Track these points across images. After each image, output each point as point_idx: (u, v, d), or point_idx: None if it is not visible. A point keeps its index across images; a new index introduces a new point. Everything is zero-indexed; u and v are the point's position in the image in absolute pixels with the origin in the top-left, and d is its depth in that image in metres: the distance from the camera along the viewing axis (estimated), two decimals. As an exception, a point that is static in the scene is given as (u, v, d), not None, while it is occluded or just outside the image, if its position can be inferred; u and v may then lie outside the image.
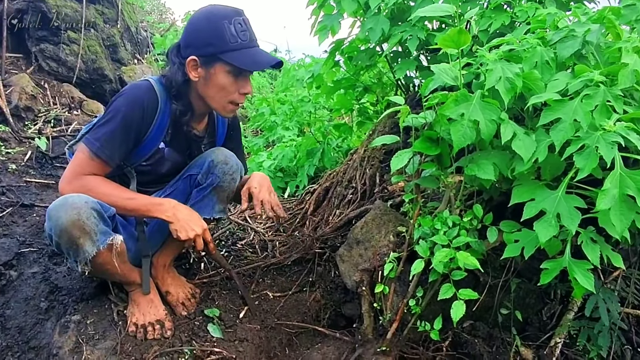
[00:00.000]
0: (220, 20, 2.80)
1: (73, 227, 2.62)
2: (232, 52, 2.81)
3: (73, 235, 2.64)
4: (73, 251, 2.71)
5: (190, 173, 3.32)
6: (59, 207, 2.64)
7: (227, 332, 3.27)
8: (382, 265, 3.02)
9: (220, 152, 3.25)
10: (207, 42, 2.81)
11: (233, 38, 2.80)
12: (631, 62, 2.16)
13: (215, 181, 3.19)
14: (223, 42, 2.80)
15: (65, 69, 6.99)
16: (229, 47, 2.81)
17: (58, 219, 2.61)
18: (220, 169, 3.19)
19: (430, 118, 2.63)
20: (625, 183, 1.97)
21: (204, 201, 3.26)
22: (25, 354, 3.20)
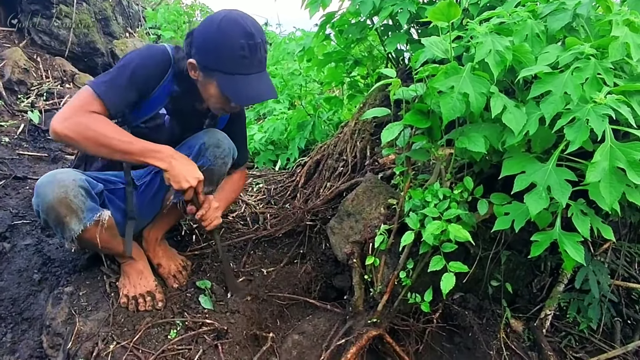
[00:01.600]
0: (225, 39, 2.65)
1: (60, 205, 2.60)
2: (225, 76, 2.71)
3: (60, 213, 2.62)
4: (60, 228, 2.69)
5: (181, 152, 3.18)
6: (46, 183, 2.61)
7: (219, 304, 3.24)
8: (373, 238, 3.00)
9: (212, 135, 3.17)
10: (207, 55, 2.71)
11: (230, 62, 2.68)
12: (621, 35, 2.14)
13: (206, 164, 3.11)
14: (220, 62, 2.69)
15: (57, 42, 6.93)
16: (224, 69, 2.70)
17: (45, 196, 2.59)
18: (211, 152, 3.13)
19: (420, 91, 2.61)
20: (615, 155, 1.96)
21: None
22: (19, 325, 3.18)
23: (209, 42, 2.69)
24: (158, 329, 2.97)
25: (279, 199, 4.59)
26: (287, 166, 5.90)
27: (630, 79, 2.24)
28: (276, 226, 4.03)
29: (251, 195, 4.74)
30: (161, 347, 2.86)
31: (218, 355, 2.90)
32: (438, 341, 3.25)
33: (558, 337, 3.39)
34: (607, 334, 3.42)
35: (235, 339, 3.04)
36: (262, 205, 4.50)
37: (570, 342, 3.37)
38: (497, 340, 3.26)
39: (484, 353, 3.22)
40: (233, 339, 3.02)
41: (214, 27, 2.67)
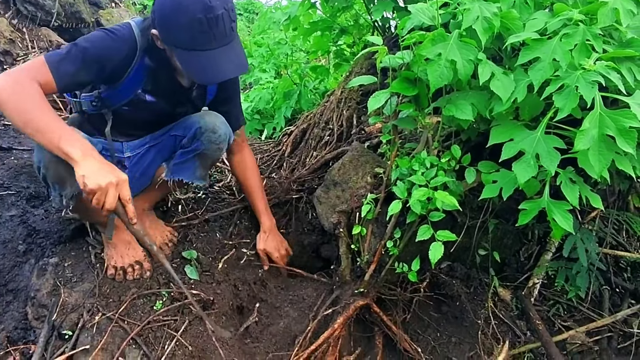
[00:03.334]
0: (183, 15, 2.44)
1: (62, 160, 2.42)
2: (185, 52, 2.55)
3: (62, 167, 2.48)
4: (59, 184, 2.60)
5: (176, 133, 3.16)
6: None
7: (205, 274, 3.22)
8: (360, 207, 2.99)
9: (209, 119, 3.07)
10: (165, 29, 2.54)
11: (189, 37, 2.49)
12: (611, 1, 2.13)
13: (200, 148, 3.04)
14: (178, 37, 2.52)
15: (43, 12, 6.87)
16: (182, 45, 2.54)
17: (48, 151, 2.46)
18: (206, 137, 3.03)
19: (407, 58, 2.58)
20: (604, 123, 1.94)
21: (186, 164, 3.13)
22: (4, 296, 3.16)
23: (165, 15, 2.51)
24: (144, 300, 2.95)
25: (265, 168, 4.54)
26: (274, 135, 5.91)
27: (619, 45, 2.22)
28: (263, 196, 3.98)
29: (238, 165, 4.69)
30: (147, 318, 2.83)
31: (204, 326, 2.88)
32: (425, 310, 3.25)
33: (546, 306, 3.40)
34: (596, 303, 3.43)
35: (222, 309, 3.03)
36: (249, 175, 4.44)
37: (559, 310, 3.38)
38: (484, 309, 3.27)
39: (471, 322, 3.23)
40: (219, 310, 3.01)
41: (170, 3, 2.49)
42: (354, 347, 3.01)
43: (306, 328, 2.94)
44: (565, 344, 3.19)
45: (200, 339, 2.82)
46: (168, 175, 3.13)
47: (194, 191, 4.02)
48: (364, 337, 3.09)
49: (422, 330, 3.18)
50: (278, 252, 3.39)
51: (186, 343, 2.77)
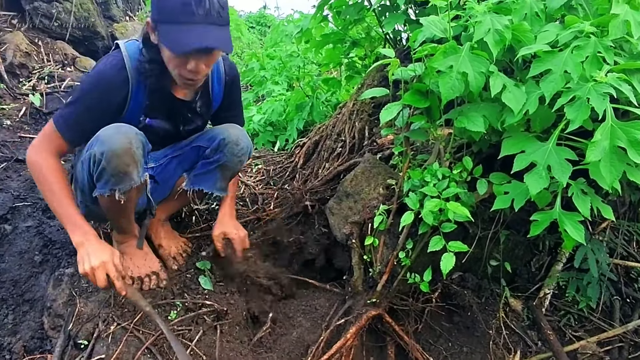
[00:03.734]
0: None
1: (125, 154, 2.55)
2: (166, 26, 2.53)
3: (124, 161, 2.57)
4: (118, 178, 2.62)
5: (200, 144, 3.22)
6: (113, 134, 2.56)
7: (219, 284, 3.22)
8: (372, 218, 2.98)
9: (233, 131, 3.12)
10: (155, 8, 2.57)
11: (172, 10, 2.48)
12: (622, 13, 2.13)
13: (222, 159, 3.09)
14: (163, 12, 2.52)
15: (58, 26, 6.92)
16: (166, 19, 2.52)
17: (112, 144, 2.53)
18: (229, 149, 3.07)
19: (419, 70, 2.59)
20: (616, 134, 1.94)
21: (207, 175, 3.18)
22: (20, 306, 3.17)
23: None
24: (158, 310, 2.94)
25: (278, 179, 4.57)
26: (286, 147, 5.90)
27: (630, 57, 2.22)
28: (275, 207, 4.00)
29: (250, 176, 4.72)
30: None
31: (218, 336, 2.88)
32: (437, 321, 3.24)
33: (557, 316, 3.39)
34: (607, 313, 3.41)
35: (235, 319, 3.03)
36: (261, 186, 4.48)
37: (570, 321, 3.36)
38: (496, 320, 3.25)
39: (483, 332, 3.21)
40: (233, 320, 3.01)
41: None
42: (367, 357, 3.01)
43: (319, 338, 2.94)
44: (576, 354, 3.17)
45: (214, 348, 2.82)
46: (188, 185, 3.17)
47: (207, 202, 4.03)
48: (376, 347, 3.08)
49: (434, 340, 3.17)
50: (237, 233, 3.26)
51: (200, 352, 2.77)
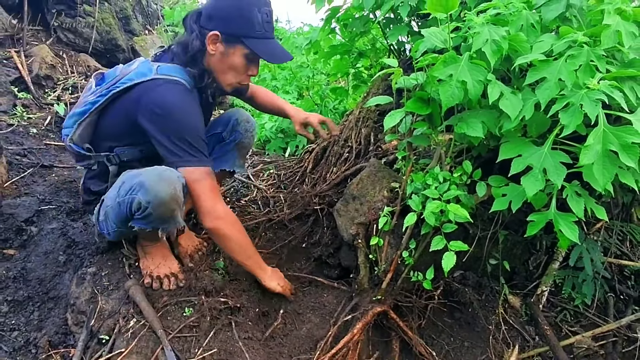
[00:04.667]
0: (253, 6, 2.68)
1: (172, 201, 2.63)
2: (256, 40, 2.73)
3: (171, 207, 2.65)
4: (164, 221, 2.73)
5: (215, 131, 3.41)
6: (157, 181, 2.60)
7: (232, 282, 3.22)
8: (377, 219, 2.97)
9: (241, 112, 3.47)
10: (235, 23, 2.70)
11: (259, 26, 2.70)
12: (613, 23, 2.13)
13: (238, 137, 3.35)
14: (250, 28, 2.70)
15: (81, 40, 6.94)
16: (254, 34, 2.72)
17: (158, 192, 2.58)
18: (242, 126, 3.36)
19: (421, 79, 2.59)
20: (608, 139, 1.94)
21: (226, 156, 3.40)
22: (45, 303, 3.18)
23: (233, 12, 2.69)
24: (175, 307, 2.94)
25: (288, 183, 4.57)
26: (296, 153, 5.91)
27: (622, 65, 2.21)
28: (286, 209, 4.00)
29: (262, 180, 4.72)
30: (178, 324, 2.83)
31: (232, 332, 2.88)
32: (439, 316, 3.23)
33: (554, 312, 3.38)
34: (601, 309, 3.40)
35: (248, 315, 3.02)
36: (273, 190, 4.48)
37: (566, 316, 3.35)
38: (495, 316, 3.25)
39: (483, 327, 3.21)
40: (245, 316, 3.00)
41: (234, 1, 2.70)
42: (372, 351, 3.00)
43: (327, 333, 2.93)
44: (572, 349, 3.16)
45: (227, 343, 2.82)
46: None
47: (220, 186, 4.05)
48: (382, 342, 3.07)
49: (437, 335, 3.16)
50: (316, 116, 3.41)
51: (215, 347, 2.77)
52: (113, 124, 2.86)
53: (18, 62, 5.90)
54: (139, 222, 2.74)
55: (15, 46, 6.24)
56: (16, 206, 3.68)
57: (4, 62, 5.82)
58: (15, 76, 5.72)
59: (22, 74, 5.80)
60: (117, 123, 2.84)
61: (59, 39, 6.85)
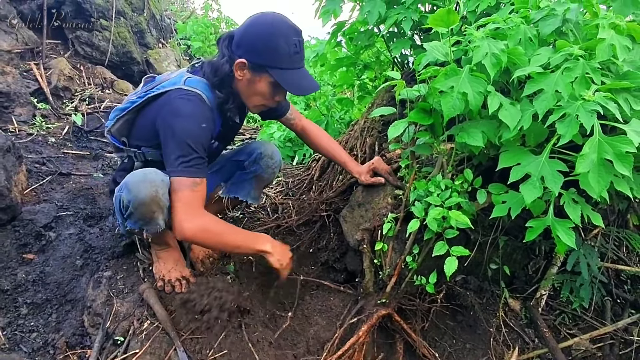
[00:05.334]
0: (280, 37, 2.62)
1: (152, 202, 2.62)
2: (282, 71, 2.67)
3: (151, 209, 2.65)
4: (145, 222, 2.73)
5: (239, 159, 3.40)
6: (139, 182, 2.61)
7: (243, 286, 3.22)
8: (381, 225, 2.97)
9: (268, 146, 3.39)
10: (262, 53, 2.66)
11: (287, 58, 2.65)
12: (608, 37, 2.13)
13: (258, 171, 3.32)
14: (277, 58, 2.64)
15: (98, 53, 7.00)
16: (280, 65, 2.66)
17: (139, 192, 2.60)
18: (265, 162, 3.32)
19: (423, 91, 2.59)
20: (603, 148, 1.94)
21: (243, 184, 3.38)
22: (63, 306, 3.19)
23: (262, 42, 2.64)
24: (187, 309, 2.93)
25: (296, 190, 4.57)
26: (304, 161, 5.92)
27: (616, 77, 2.20)
28: (294, 216, 4.00)
29: (271, 187, 4.72)
30: (190, 326, 2.84)
31: (242, 334, 2.89)
32: (442, 319, 3.22)
33: (552, 315, 3.37)
34: (598, 312, 3.39)
35: (258, 318, 3.02)
36: (281, 197, 4.48)
37: (564, 319, 3.35)
38: (496, 318, 3.24)
39: (484, 330, 3.20)
40: (256, 319, 3.01)
41: (264, 30, 2.64)
42: (377, 353, 2.99)
43: (334, 335, 2.93)
44: (570, 351, 3.15)
45: (238, 345, 2.82)
46: (225, 193, 3.36)
47: (232, 211, 4.06)
48: (386, 344, 3.07)
49: (439, 338, 3.16)
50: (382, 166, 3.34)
51: (225, 348, 2.77)
52: (143, 124, 2.89)
53: (37, 74, 5.95)
54: (129, 221, 2.78)
55: (35, 59, 6.29)
56: (35, 212, 3.70)
57: (24, 74, 5.87)
58: (34, 88, 5.76)
59: (41, 86, 5.84)
60: (145, 125, 2.86)
61: (76, 52, 6.91)
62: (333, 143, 3.49)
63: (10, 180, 3.55)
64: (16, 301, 3.15)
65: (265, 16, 2.68)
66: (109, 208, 4.08)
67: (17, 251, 3.43)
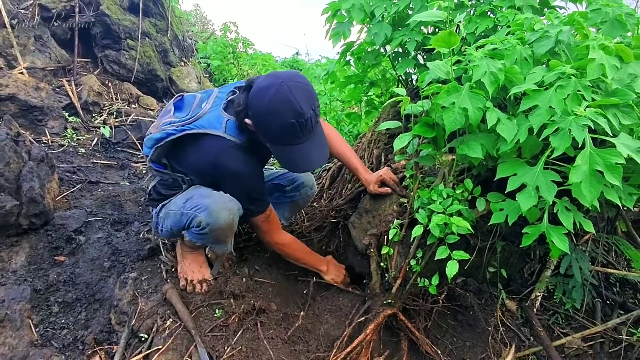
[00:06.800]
0: (278, 120, 2.45)
1: (228, 228, 2.75)
2: (278, 146, 2.58)
3: (226, 234, 2.80)
4: (216, 243, 2.90)
5: (281, 183, 3.44)
6: (221, 209, 2.69)
7: (258, 286, 3.23)
8: (388, 231, 2.97)
9: (309, 178, 3.50)
10: (261, 126, 2.56)
11: (283, 137, 2.51)
12: (598, 57, 2.12)
13: (296, 197, 3.44)
14: (272, 137, 2.55)
15: (125, 70, 7.02)
16: (278, 142, 2.56)
17: (218, 218, 2.68)
18: (305, 191, 3.46)
19: (426, 106, 2.59)
20: (594, 160, 1.93)
21: (280, 206, 3.45)
22: (92, 305, 3.21)
23: (260, 115, 2.51)
24: (207, 309, 2.97)
25: (307, 198, 4.54)
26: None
27: (606, 94, 2.20)
28: (306, 222, 4.00)
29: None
30: (210, 324, 2.85)
31: (257, 331, 2.89)
32: (444, 319, 3.21)
33: (547, 315, 3.35)
34: (589, 313, 3.37)
35: (272, 316, 3.02)
36: (294, 204, 4.45)
37: (558, 319, 3.33)
38: (494, 318, 3.23)
39: (483, 329, 3.19)
40: (270, 317, 3.01)
41: (266, 103, 2.45)
42: (383, 350, 2.98)
43: (343, 333, 2.93)
44: (563, 348, 3.13)
45: (253, 342, 2.83)
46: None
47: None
48: (392, 341, 3.06)
49: (441, 336, 3.14)
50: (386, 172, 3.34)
51: (242, 345, 2.78)
52: (186, 158, 2.85)
53: (69, 90, 5.98)
54: (192, 235, 2.83)
55: (67, 76, 6.33)
56: (66, 218, 3.72)
57: (57, 90, 5.90)
58: (66, 102, 5.80)
59: (72, 101, 5.88)
60: (188, 161, 2.85)
61: (105, 69, 6.94)
62: (346, 147, 3.38)
63: (43, 187, 3.58)
64: (48, 300, 3.17)
65: (268, 88, 2.47)
66: (135, 214, 4.10)
67: (49, 254, 3.45)
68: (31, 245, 3.42)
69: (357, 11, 3.56)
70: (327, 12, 3.80)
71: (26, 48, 5.95)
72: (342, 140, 3.39)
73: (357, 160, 3.40)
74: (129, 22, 7.06)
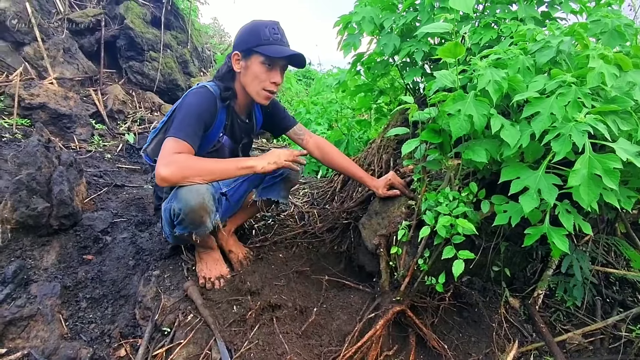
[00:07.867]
0: (259, 25, 2.81)
1: (200, 208, 2.64)
2: (264, 45, 2.78)
3: (200, 214, 2.66)
4: (195, 226, 2.74)
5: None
6: (188, 192, 2.61)
7: (274, 284, 3.24)
8: (396, 232, 2.97)
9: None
10: (247, 40, 2.82)
11: (266, 36, 2.78)
12: (597, 66, 2.11)
13: (286, 172, 3.32)
14: (258, 39, 2.78)
15: (148, 80, 7.08)
16: (262, 42, 2.78)
17: (188, 201, 2.61)
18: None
19: (433, 113, 2.58)
20: (593, 164, 1.92)
21: (273, 187, 3.38)
22: (117, 300, 3.21)
23: (245, 34, 2.83)
24: (225, 304, 2.98)
25: (320, 201, 4.56)
26: (327, 175, 5.91)
27: (605, 101, 2.18)
28: (318, 223, 4.01)
29: (299, 198, 4.73)
30: (228, 319, 2.86)
31: (273, 326, 2.89)
32: (450, 315, 3.21)
33: (548, 313, 3.34)
34: (590, 310, 3.35)
35: (286, 312, 3.03)
36: (308, 206, 4.47)
37: (559, 316, 3.31)
38: (498, 315, 3.22)
39: (487, 325, 3.18)
40: (285, 313, 3.01)
41: (246, 27, 2.84)
42: (392, 345, 2.98)
43: (354, 328, 2.93)
44: (565, 344, 3.12)
45: (269, 336, 2.83)
46: (257, 196, 3.38)
47: (264, 219, 4.07)
48: (400, 337, 3.06)
49: (447, 332, 3.14)
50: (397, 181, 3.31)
51: (258, 339, 2.78)
52: None
53: (95, 99, 6.03)
54: (178, 228, 2.79)
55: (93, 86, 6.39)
56: (94, 219, 3.74)
57: (84, 99, 5.95)
58: (93, 110, 5.85)
59: (98, 109, 5.93)
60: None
61: (129, 79, 7.00)
62: (347, 160, 3.44)
63: (72, 190, 3.60)
64: (77, 296, 3.19)
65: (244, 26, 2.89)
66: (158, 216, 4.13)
67: (78, 253, 3.46)
68: (61, 245, 3.44)
69: (367, 23, 3.56)
70: (339, 24, 3.81)
71: (56, 60, 6.01)
72: (342, 155, 3.46)
73: (360, 170, 3.44)
74: (151, 35, 7.12)
